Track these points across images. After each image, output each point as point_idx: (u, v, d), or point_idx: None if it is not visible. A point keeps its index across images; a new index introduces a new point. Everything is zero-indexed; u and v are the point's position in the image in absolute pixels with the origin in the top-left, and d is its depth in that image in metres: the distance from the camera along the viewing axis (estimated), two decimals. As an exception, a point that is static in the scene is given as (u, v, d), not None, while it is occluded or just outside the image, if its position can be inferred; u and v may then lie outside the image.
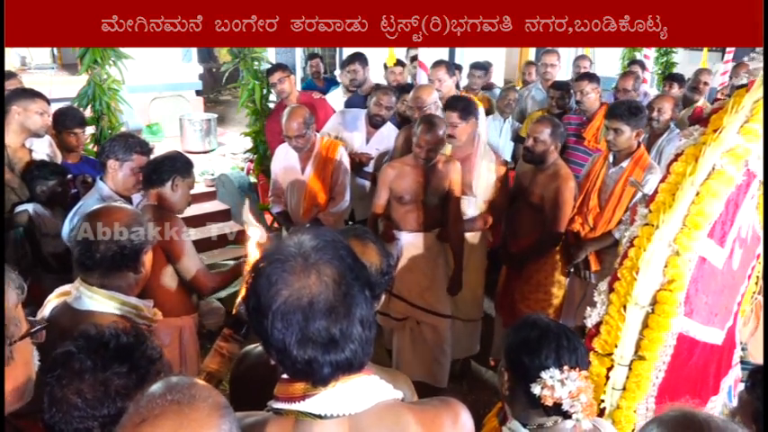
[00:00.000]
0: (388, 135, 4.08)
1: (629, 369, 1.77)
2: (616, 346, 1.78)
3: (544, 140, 3.25)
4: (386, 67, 5.16)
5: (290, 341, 0.97)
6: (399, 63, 5.32)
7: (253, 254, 1.83)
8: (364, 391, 1.05)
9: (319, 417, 1.02)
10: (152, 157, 2.77)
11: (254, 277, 1.01)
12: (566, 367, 1.46)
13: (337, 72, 6.06)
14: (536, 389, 1.45)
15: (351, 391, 1.04)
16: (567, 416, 1.44)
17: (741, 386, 2.11)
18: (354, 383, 1.04)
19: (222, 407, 0.95)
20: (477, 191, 3.48)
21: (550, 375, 1.44)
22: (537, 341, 1.51)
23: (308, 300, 0.97)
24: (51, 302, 1.77)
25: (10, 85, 3.70)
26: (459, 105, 3.40)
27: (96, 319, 1.57)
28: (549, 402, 1.43)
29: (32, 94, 3.16)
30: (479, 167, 3.48)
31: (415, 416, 1.10)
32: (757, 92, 1.73)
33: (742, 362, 2.20)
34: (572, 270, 3.55)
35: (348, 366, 1.01)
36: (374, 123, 4.08)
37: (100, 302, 1.68)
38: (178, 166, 2.56)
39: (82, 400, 1.15)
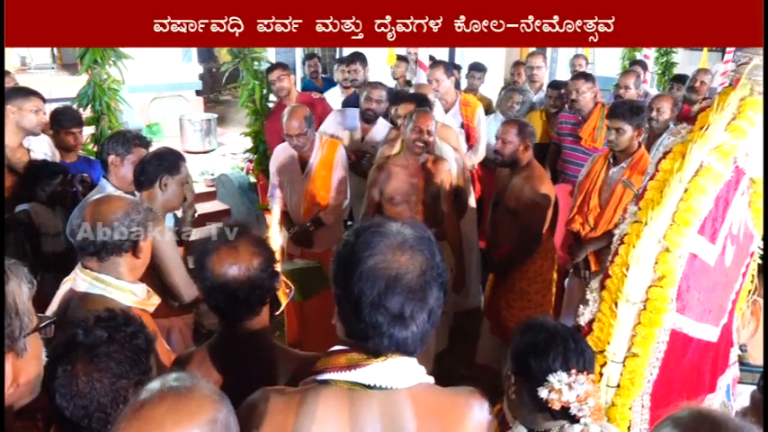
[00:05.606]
0: (382, 131, 4.10)
1: (623, 366, 1.78)
2: (609, 344, 1.78)
3: (511, 141, 3.19)
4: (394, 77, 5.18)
5: (366, 301, 1.05)
6: (401, 58, 5.33)
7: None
8: (409, 369, 1.12)
9: (368, 387, 1.09)
10: (150, 149, 2.75)
11: (354, 237, 1.10)
12: (573, 370, 1.46)
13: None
14: (543, 392, 1.45)
15: (399, 367, 1.11)
16: (574, 420, 1.44)
17: (740, 387, 2.11)
18: (402, 361, 1.12)
19: (219, 395, 1.00)
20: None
21: (558, 379, 1.45)
22: (544, 344, 1.52)
23: (395, 272, 1.06)
24: (66, 284, 1.88)
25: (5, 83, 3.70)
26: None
27: (88, 300, 1.72)
28: (557, 406, 1.43)
29: (27, 93, 3.15)
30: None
31: (450, 398, 1.17)
32: (743, 89, 1.74)
33: (742, 363, 2.19)
34: (572, 270, 3.55)
35: (403, 346, 1.09)
36: (367, 118, 4.10)
37: (92, 285, 1.77)
38: (165, 164, 2.48)
39: (89, 378, 1.21)
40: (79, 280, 1.79)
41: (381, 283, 1.05)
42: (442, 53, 7.29)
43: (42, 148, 3.37)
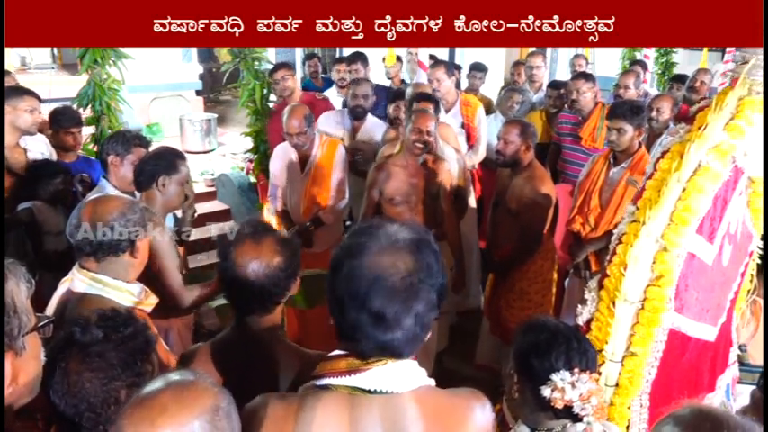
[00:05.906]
0: (373, 127, 4.12)
1: (622, 365, 1.78)
2: (607, 343, 1.78)
3: (513, 141, 3.19)
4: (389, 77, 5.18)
5: (349, 302, 1.06)
6: (398, 59, 5.34)
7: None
8: (410, 372, 1.12)
9: (368, 392, 1.08)
10: (150, 149, 2.75)
11: (348, 239, 1.11)
12: (576, 369, 1.46)
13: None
14: (546, 391, 1.46)
15: (400, 370, 1.10)
16: (577, 419, 1.45)
17: (740, 387, 2.11)
18: (402, 364, 1.11)
19: (220, 388, 1.02)
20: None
21: (561, 378, 1.45)
22: (547, 343, 1.52)
23: (376, 274, 1.05)
24: (63, 285, 1.87)
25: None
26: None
27: (86, 300, 1.72)
28: (560, 405, 1.44)
29: (21, 92, 3.14)
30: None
31: (451, 400, 1.16)
32: (741, 89, 1.75)
33: (741, 363, 2.20)
34: (572, 270, 3.55)
35: (390, 349, 1.08)
36: (356, 115, 4.11)
37: (89, 285, 1.77)
38: (163, 164, 2.45)
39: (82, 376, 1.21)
40: (77, 280, 1.79)
41: (363, 284, 1.04)
42: (442, 53, 7.29)
43: (39, 148, 3.37)
